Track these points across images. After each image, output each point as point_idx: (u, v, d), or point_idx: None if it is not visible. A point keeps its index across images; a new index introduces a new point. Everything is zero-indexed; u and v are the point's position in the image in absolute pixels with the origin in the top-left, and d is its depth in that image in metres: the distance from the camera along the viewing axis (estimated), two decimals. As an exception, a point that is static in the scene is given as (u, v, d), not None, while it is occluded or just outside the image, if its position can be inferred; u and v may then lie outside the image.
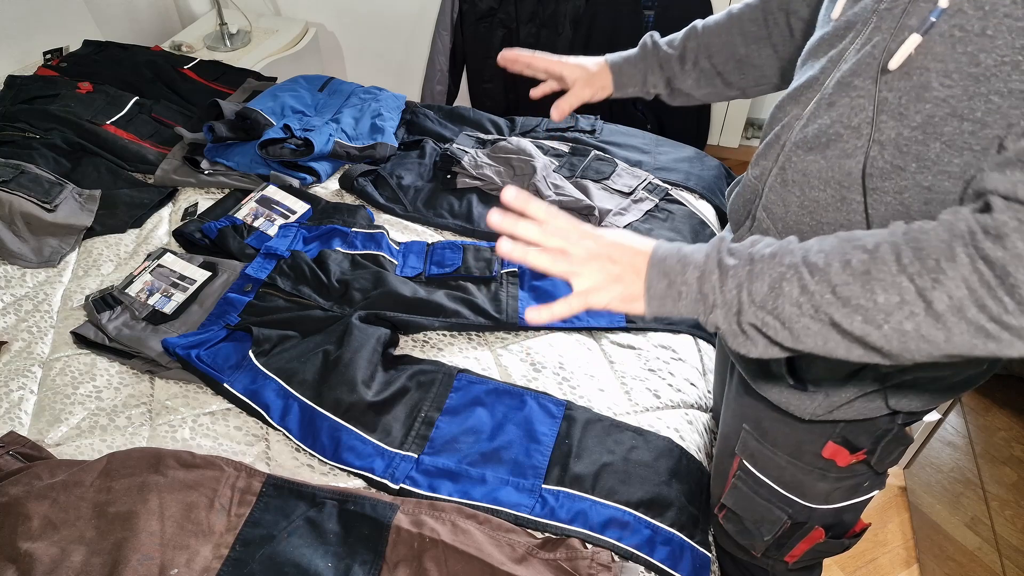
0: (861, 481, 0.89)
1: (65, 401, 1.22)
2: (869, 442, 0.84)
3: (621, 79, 1.02)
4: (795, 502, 0.92)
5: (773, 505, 0.95)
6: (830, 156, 0.69)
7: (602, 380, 1.27)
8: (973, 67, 0.56)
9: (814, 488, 0.90)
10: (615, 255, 0.66)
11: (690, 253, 0.64)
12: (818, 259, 0.58)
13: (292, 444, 1.16)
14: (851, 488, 0.90)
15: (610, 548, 1.00)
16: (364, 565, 0.97)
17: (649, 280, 0.64)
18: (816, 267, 0.58)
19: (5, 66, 2.09)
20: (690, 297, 0.63)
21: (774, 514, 0.95)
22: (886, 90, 0.63)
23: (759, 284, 0.60)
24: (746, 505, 0.99)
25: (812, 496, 0.91)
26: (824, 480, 0.89)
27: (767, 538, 0.98)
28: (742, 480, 0.98)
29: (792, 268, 0.59)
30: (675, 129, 2.39)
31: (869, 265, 0.56)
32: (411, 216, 1.63)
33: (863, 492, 0.91)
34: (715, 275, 0.62)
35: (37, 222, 1.55)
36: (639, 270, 0.65)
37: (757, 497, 0.96)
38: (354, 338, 1.25)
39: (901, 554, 1.71)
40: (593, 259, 0.66)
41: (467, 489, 1.08)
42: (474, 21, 2.47)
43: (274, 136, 1.69)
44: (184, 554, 0.96)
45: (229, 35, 2.53)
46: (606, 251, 0.66)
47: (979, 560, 1.61)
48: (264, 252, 1.45)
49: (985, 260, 0.51)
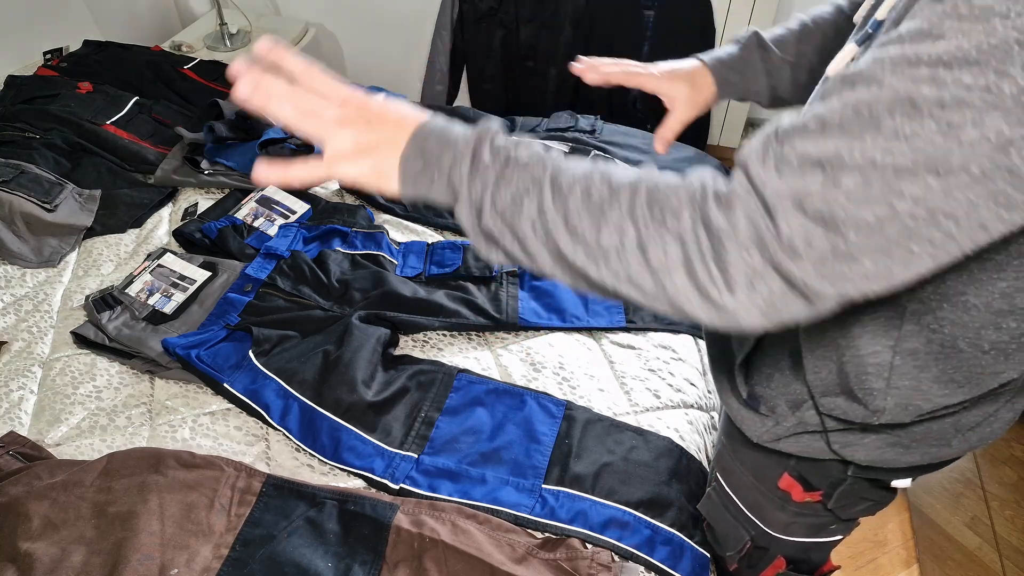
0: (825, 522, 0.85)
1: (65, 401, 1.22)
2: (825, 485, 0.80)
3: (725, 89, 0.90)
4: (756, 525, 0.90)
5: (739, 523, 0.93)
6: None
7: (602, 380, 1.27)
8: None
9: (773, 516, 0.87)
10: (376, 123, 0.58)
11: (455, 136, 0.58)
12: (564, 180, 0.54)
13: (292, 444, 1.16)
14: (813, 526, 0.86)
15: (610, 548, 1.00)
16: (364, 565, 0.97)
17: (405, 157, 0.57)
18: (559, 189, 0.53)
19: (5, 66, 2.09)
20: (440, 186, 0.57)
21: (738, 532, 0.93)
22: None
23: (504, 191, 0.55)
24: (715, 516, 0.98)
25: (771, 524, 0.88)
26: (782, 511, 0.85)
27: (730, 554, 0.97)
28: (715, 491, 0.96)
29: (536, 184, 0.54)
30: (675, 129, 2.39)
31: (604, 201, 0.52)
32: (411, 216, 1.63)
33: (828, 533, 0.88)
34: (466, 166, 0.56)
35: (37, 222, 1.55)
36: (398, 144, 0.57)
37: (726, 512, 0.95)
38: (354, 338, 1.25)
39: (901, 554, 1.71)
40: (348, 124, 0.57)
41: (467, 489, 1.08)
42: (474, 21, 2.47)
43: (274, 136, 1.69)
44: (184, 554, 0.96)
45: (229, 35, 2.53)
46: (366, 118, 0.58)
47: (979, 560, 1.61)
48: (264, 252, 1.45)
49: (706, 226, 0.48)
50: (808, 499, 0.81)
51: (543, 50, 2.47)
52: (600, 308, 1.39)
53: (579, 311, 1.39)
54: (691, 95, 0.89)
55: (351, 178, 0.58)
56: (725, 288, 0.48)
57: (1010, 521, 1.59)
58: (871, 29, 0.56)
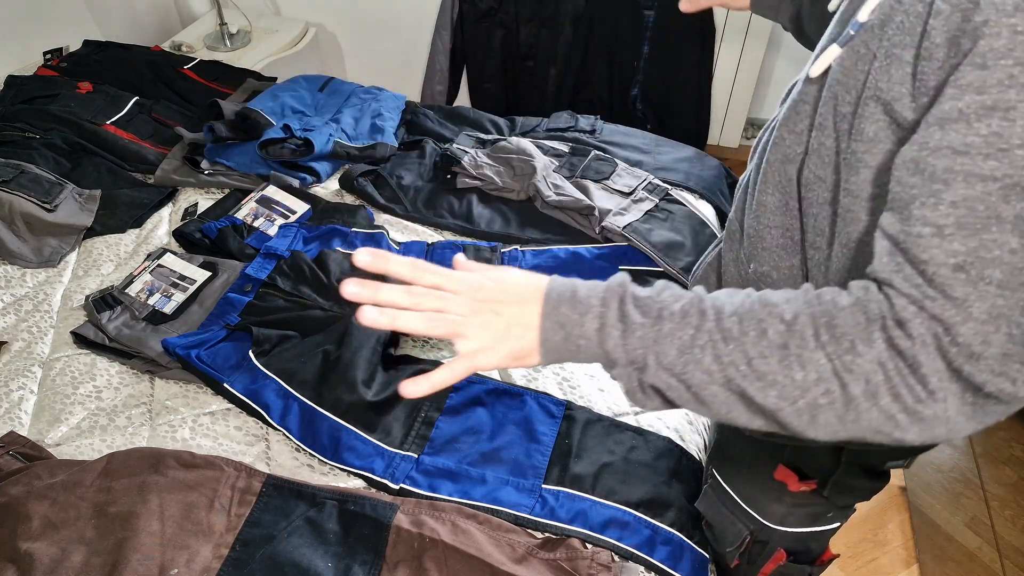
0: (822, 510, 0.86)
1: (65, 401, 1.22)
2: (819, 474, 0.81)
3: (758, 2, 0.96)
4: (755, 518, 0.91)
5: (736, 518, 0.93)
6: (776, 160, 0.67)
7: (602, 380, 1.27)
8: (862, 87, 0.55)
9: (770, 508, 0.88)
10: (500, 306, 0.58)
11: (586, 298, 0.57)
12: (732, 325, 0.54)
13: (292, 444, 1.16)
14: (810, 515, 0.87)
15: (610, 548, 1.00)
16: (364, 565, 0.97)
17: (544, 333, 0.57)
18: (731, 335, 0.53)
19: (5, 66, 2.09)
20: (590, 351, 0.57)
21: (736, 527, 0.94)
22: (818, 99, 0.61)
23: (668, 346, 0.54)
24: (713, 513, 0.98)
25: (769, 516, 0.89)
26: (779, 503, 0.86)
27: (730, 550, 0.97)
28: (712, 488, 0.97)
29: (705, 333, 0.54)
30: (675, 129, 2.39)
31: (786, 338, 0.52)
32: (411, 216, 1.63)
33: (825, 522, 0.88)
34: (618, 331, 0.55)
35: (37, 222, 1.55)
36: (529, 323, 0.57)
37: (723, 507, 0.95)
38: (354, 338, 1.25)
39: (901, 554, 1.71)
40: (475, 314, 0.58)
41: (467, 489, 1.08)
42: (474, 21, 2.47)
43: (274, 136, 1.69)
44: (184, 554, 0.96)
45: (229, 35, 2.53)
46: (489, 304, 0.58)
47: (979, 560, 1.61)
48: (264, 252, 1.45)
49: (896, 349, 0.49)
50: (804, 488, 0.82)
51: (543, 50, 2.47)
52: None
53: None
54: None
55: (492, 366, 0.59)
56: (930, 400, 0.49)
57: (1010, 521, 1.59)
58: (852, 31, 0.57)
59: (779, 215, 0.69)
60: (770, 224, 0.70)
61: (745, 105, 2.65)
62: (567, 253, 1.50)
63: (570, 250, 1.50)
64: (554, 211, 1.60)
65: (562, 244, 1.53)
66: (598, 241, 1.53)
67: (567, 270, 1.47)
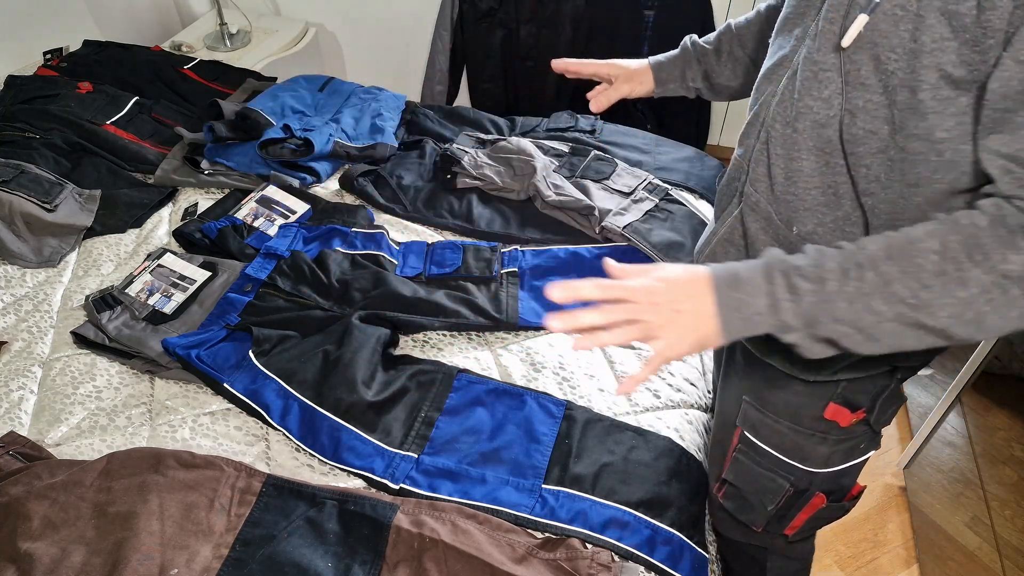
0: (858, 442, 0.92)
1: (65, 401, 1.22)
2: (868, 400, 0.87)
3: (661, 75, 1.12)
4: (796, 468, 0.94)
5: (776, 474, 0.96)
6: (807, 128, 0.73)
7: (602, 380, 1.27)
8: (912, 43, 0.62)
9: (814, 452, 0.92)
10: (678, 304, 0.67)
11: (749, 278, 0.66)
12: (890, 268, 0.62)
13: (292, 444, 1.16)
14: (849, 450, 0.93)
15: (610, 548, 1.00)
16: (364, 565, 0.97)
17: (723, 318, 0.66)
18: (892, 276, 0.62)
19: (5, 66, 2.09)
20: (767, 323, 0.66)
21: (776, 483, 0.97)
22: (849, 64, 0.68)
23: (837, 303, 0.63)
24: (748, 477, 1.00)
25: (812, 460, 0.93)
26: (824, 443, 0.91)
27: (769, 508, 0.99)
28: (743, 452, 0.99)
29: (868, 283, 0.62)
30: (675, 129, 2.39)
31: (942, 265, 0.60)
32: (411, 216, 1.63)
33: (860, 453, 0.94)
34: (789, 302, 0.64)
35: (37, 222, 1.55)
36: (706, 313, 0.66)
37: (758, 468, 0.98)
38: (354, 338, 1.25)
39: (901, 554, 1.71)
40: (659, 316, 0.66)
41: (467, 489, 1.08)
42: (474, 21, 2.47)
43: (274, 136, 1.69)
44: (184, 554, 0.96)
45: (229, 35, 2.53)
46: (667, 305, 0.66)
47: (979, 560, 1.61)
48: (264, 252, 1.45)
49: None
50: (854, 420, 0.88)
51: (543, 50, 2.47)
52: (600, 308, 1.39)
53: (579, 311, 1.38)
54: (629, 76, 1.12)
55: (683, 355, 0.69)
56: None
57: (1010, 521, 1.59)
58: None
59: (818, 175, 0.75)
60: (808, 186, 0.77)
61: (745, 105, 2.65)
62: (567, 253, 1.50)
63: (570, 250, 1.50)
64: (554, 211, 1.60)
65: (562, 244, 1.53)
66: (598, 241, 1.53)
67: (567, 270, 1.47)
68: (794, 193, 0.78)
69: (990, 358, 1.55)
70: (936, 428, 1.74)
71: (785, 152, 0.77)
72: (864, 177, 0.72)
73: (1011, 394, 1.80)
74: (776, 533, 1.05)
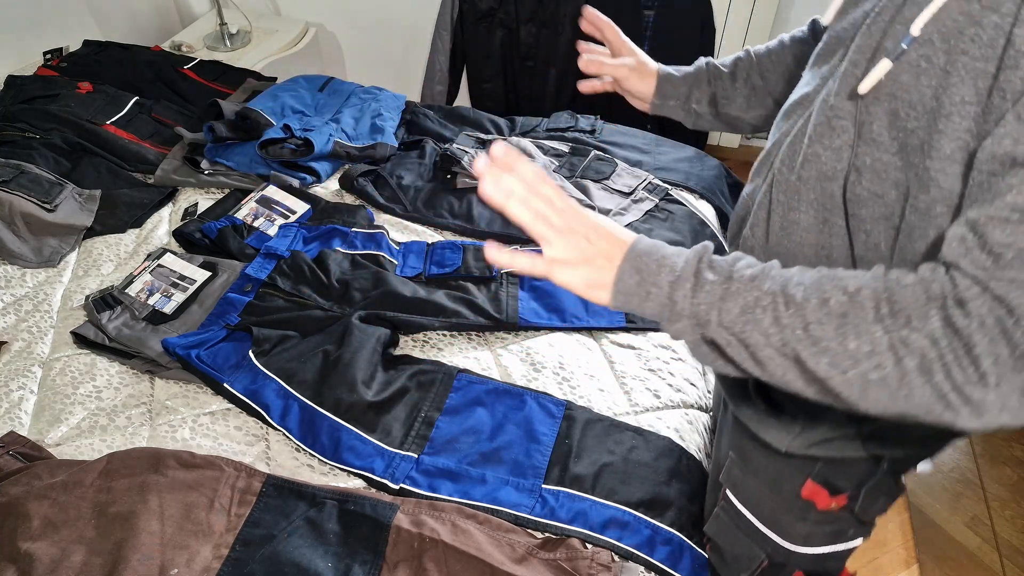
0: (844, 527, 0.85)
1: (65, 401, 1.22)
2: (851, 486, 0.80)
3: (666, 87, 1.00)
4: (773, 541, 0.88)
5: (752, 541, 0.90)
6: (811, 178, 0.68)
7: (602, 380, 1.27)
8: (934, 102, 0.56)
9: (792, 528, 0.86)
10: (593, 237, 0.64)
11: (669, 255, 0.62)
12: (796, 292, 0.56)
13: (292, 444, 1.16)
14: (832, 533, 0.86)
15: (610, 548, 1.00)
16: (364, 565, 0.97)
17: (621, 272, 0.63)
18: (793, 300, 0.56)
19: (5, 66, 2.09)
20: (658, 300, 0.62)
21: (753, 551, 0.91)
22: (864, 114, 0.61)
23: (732, 304, 0.58)
24: (726, 538, 0.95)
25: (791, 536, 0.87)
26: (803, 521, 0.85)
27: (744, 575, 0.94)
28: (724, 510, 0.94)
29: (769, 295, 0.57)
30: (675, 129, 2.39)
31: (847, 308, 0.54)
32: (411, 216, 1.63)
33: (846, 539, 0.87)
34: (689, 284, 0.60)
35: (37, 222, 1.55)
36: (613, 259, 0.63)
37: (737, 531, 0.92)
38: (354, 338, 1.25)
39: (901, 554, 1.71)
40: (570, 233, 0.64)
41: (467, 489, 1.08)
42: (474, 21, 2.47)
43: (274, 136, 1.69)
44: (184, 554, 0.96)
45: (229, 35, 2.53)
46: (584, 230, 0.64)
47: (979, 560, 1.61)
48: (264, 252, 1.45)
49: (952, 327, 0.50)
50: (833, 505, 0.81)
51: (543, 50, 2.47)
52: (600, 308, 1.39)
53: (579, 311, 1.39)
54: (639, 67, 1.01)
55: (564, 282, 0.65)
56: (980, 384, 0.50)
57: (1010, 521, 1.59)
58: (905, 45, 0.58)
59: (814, 233, 0.70)
60: (803, 242, 0.71)
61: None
62: (567, 253, 1.49)
63: (570, 250, 1.50)
64: (554, 211, 1.60)
65: (562, 244, 1.52)
66: (598, 241, 1.53)
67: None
68: (787, 247, 0.72)
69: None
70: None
71: (786, 200, 0.71)
72: (863, 244, 0.66)
73: (1011, 394, 1.80)
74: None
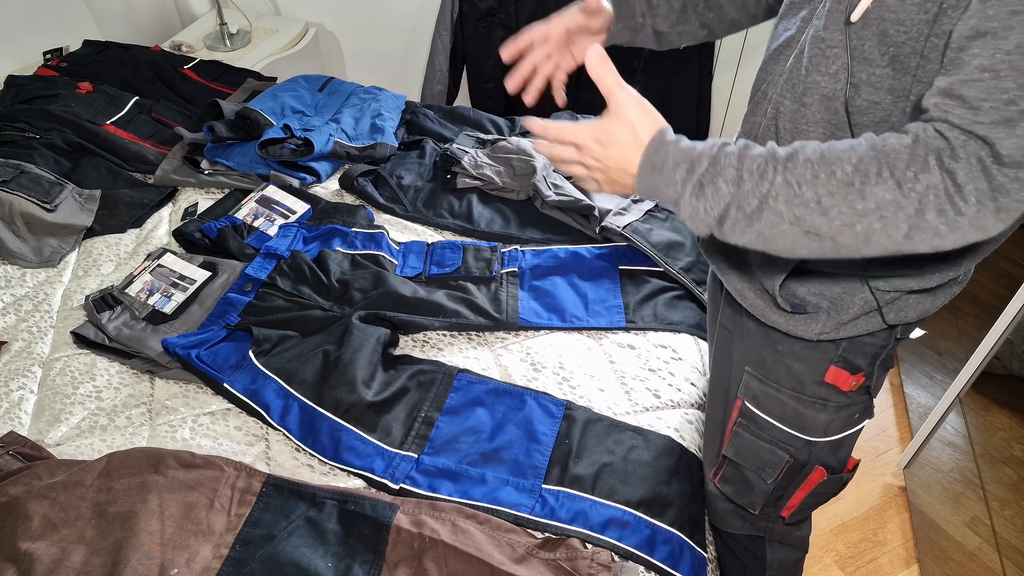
0: (855, 411, 0.95)
1: (65, 401, 1.22)
2: (866, 363, 0.91)
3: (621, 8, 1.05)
4: (796, 438, 0.96)
5: (776, 446, 0.98)
6: (814, 102, 0.77)
7: (602, 380, 1.27)
8: (923, 14, 0.65)
9: (814, 420, 0.95)
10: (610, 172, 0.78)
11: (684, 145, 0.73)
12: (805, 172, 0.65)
13: (292, 444, 1.16)
14: (846, 418, 0.95)
15: (610, 548, 1.00)
16: (364, 565, 0.97)
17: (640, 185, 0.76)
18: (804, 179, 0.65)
19: (5, 66, 2.09)
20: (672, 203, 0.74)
21: (776, 455, 0.98)
22: (855, 39, 0.71)
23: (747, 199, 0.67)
24: (748, 452, 1.01)
25: (812, 429, 0.95)
26: (824, 411, 0.94)
27: (768, 482, 1.00)
28: (743, 426, 1.00)
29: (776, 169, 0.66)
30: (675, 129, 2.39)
31: (853, 177, 0.63)
32: (411, 216, 1.63)
33: (856, 422, 0.97)
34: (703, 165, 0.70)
35: (37, 222, 1.55)
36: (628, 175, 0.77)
37: (759, 440, 0.99)
38: (354, 338, 1.25)
39: (901, 554, 1.71)
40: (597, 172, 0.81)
41: (467, 489, 1.08)
42: (474, 21, 2.47)
43: (274, 136, 1.69)
44: (184, 554, 0.96)
45: (229, 35, 2.53)
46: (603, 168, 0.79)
47: (979, 560, 1.61)
48: (264, 252, 1.45)
49: (947, 171, 0.60)
50: (853, 383, 0.92)
51: (543, 50, 2.46)
52: (600, 308, 1.39)
53: (579, 311, 1.39)
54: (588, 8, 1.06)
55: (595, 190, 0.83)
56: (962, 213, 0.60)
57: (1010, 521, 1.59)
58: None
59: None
60: None
61: (745, 105, 2.65)
62: (567, 253, 1.50)
63: (570, 250, 1.50)
64: (554, 211, 1.60)
65: (562, 244, 1.53)
66: (598, 241, 1.53)
67: (567, 270, 1.47)
68: None
69: (990, 358, 1.55)
70: (936, 428, 1.74)
71: (793, 126, 0.81)
72: None
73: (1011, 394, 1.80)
74: (774, 516, 1.06)
